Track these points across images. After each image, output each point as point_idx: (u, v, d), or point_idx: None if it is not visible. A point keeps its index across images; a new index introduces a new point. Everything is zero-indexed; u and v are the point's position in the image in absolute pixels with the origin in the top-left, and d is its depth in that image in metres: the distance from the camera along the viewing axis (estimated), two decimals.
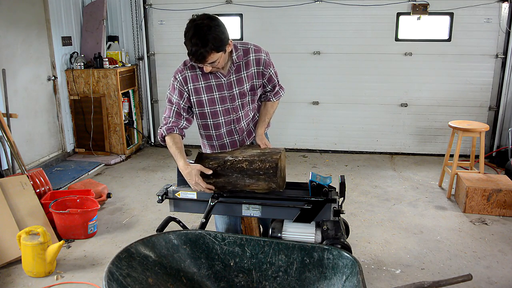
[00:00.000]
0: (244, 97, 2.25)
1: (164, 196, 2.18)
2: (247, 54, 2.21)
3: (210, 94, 2.20)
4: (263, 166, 1.96)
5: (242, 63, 2.20)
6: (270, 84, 2.33)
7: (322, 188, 2.00)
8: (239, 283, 1.75)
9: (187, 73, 2.20)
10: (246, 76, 2.22)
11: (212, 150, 2.38)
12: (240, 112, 2.28)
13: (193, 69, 2.19)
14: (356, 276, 1.54)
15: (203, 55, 1.97)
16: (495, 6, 5.02)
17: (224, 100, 2.22)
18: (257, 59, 2.22)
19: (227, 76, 2.19)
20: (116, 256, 1.57)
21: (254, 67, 2.22)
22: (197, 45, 1.95)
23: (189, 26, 2.01)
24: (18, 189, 3.40)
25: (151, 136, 6.11)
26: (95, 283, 2.77)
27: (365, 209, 3.93)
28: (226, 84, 2.20)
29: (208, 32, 1.96)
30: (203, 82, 2.19)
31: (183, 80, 2.19)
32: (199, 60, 2.00)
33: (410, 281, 2.78)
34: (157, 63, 5.88)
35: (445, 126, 4.96)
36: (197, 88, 2.19)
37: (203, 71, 2.15)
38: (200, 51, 1.96)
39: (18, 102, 4.56)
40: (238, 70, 2.20)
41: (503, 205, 3.73)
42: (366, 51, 5.39)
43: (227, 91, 2.21)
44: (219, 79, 2.19)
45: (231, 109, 2.25)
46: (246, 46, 2.23)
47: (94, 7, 5.46)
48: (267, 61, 2.26)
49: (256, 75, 2.24)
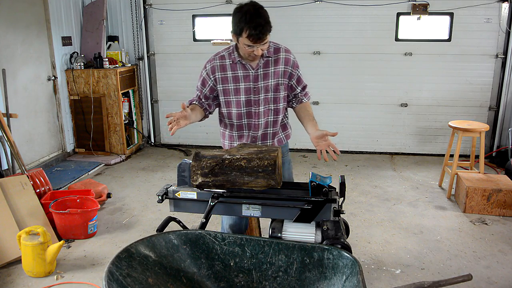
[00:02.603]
0: (267, 92, 2.33)
1: (164, 196, 2.18)
2: (278, 52, 2.31)
3: (236, 84, 2.31)
4: (262, 164, 1.96)
5: (271, 59, 2.30)
6: (300, 85, 2.41)
7: (322, 188, 2.00)
8: (239, 283, 1.75)
9: (216, 63, 2.32)
10: (273, 72, 2.31)
11: (230, 141, 2.46)
12: (260, 106, 2.34)
13: (222, 59, 2.32)
14: (356, 276, 1.54)
15: (264, 34, 2.09)
16: (495, 6, 5.02)
17: (248, 92, 2.32)
18: (287, 59, 2.32)
19: (255, 69, 2.29)
20: (116, 256, 1.57)
21: (283, 65, 2.31)
22: (261, 24, 2.08)
23: (247, 9, 2.13)
24: (18, 189, 3.40)
25: (151, 136, 6.11)
26: (95, 283, 2.77)
27: (365, 209, 3.93)
28: (252, 76, 2.30)
29: (265, 14, 2.12)
30: (231, 72, 2.31)
31: (211, 69, 2.33)
32: (260, 39, 2.10)
33: (410, 281, 2.78)
34: (157, 63, 5.88)
35: (445, 126, 4.97)
36: (223, 77, 2.31)
37: (233, 61, 2.28)
38: (263, 30, 2.08)
39: (18, 102, 4.56)
40: (266, 65, 2.30)
41: (503, 205, 3.73)
42: (366, 51, 5.39)
43: (253, 83, 2.30)
44: (247, 70, 2.29)
45: (253, 101, 2.33)
46: (277, 45, 2.34)
47: (94, 7, 5.47)
48: (296, 63, 2.36)
49: (283, 74, 2.33)
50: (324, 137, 2.19)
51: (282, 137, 2.49)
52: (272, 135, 2.44)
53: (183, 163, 2.18)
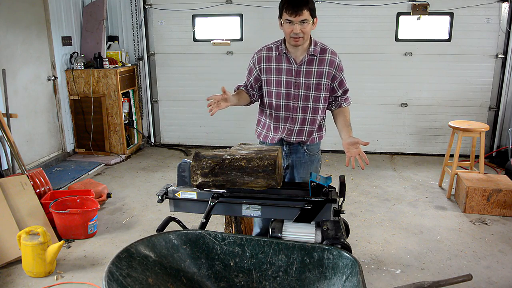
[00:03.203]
0: (308, 90, 2.36)
1: (164, 196, 2.18)
2: (324, 53, 2.35)
3: (279, 76, 2.37)
4: (262, 164, 1.96)
5: (316, 58, 2.34)
6: (341, 88, 2.44)
7: (322, 188, 2.00)
8: (239, 283, 1.75)
9: (263, 53, 2.41)
10: (316, 72, 2.35)
11: (265, 130, 2.52)
12: (299, 102, 2.38)
13: (269, 51, 2.39)
14: (356, 276, 1.54)
15: (300, 6, 2.15)
16: (495, 6, 5.02)
17: (289, 85, 2.37)
18: (332, 61, 2.35)
19: (299, 64, 2.34)
20: (116, 256, 1.57)
21: (327, 66, 2.35)
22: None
23: None
24: (18, 189, 3.40)
25: (151, 136, 6.11)
26: (95, 283, 2.77)
27: (365, 209, 3.93)
28: (295, 70, 2.35)
29: None
30: (275, 64, 2.37)
31: (257, 59, 2.41)
32: (295, 11, 2.16)
33: (410, 281, 2.78)
34: (157, 63, 5.88)
35: (445, 126, 4.96)
36: (268, 68, 2.39)
37: (279, 53, 2.35)
38: (299, 2, 2.16)
39: (18, 102, 4.56)
40: (310, 63, 2.34)
41: (503, 205, 3.73)
42: (366, 51, 5.38)
43: (294, 77, 2.35)
44: (290, 64, 2.35)
45: (292, 95, 2.38)
46: (325, 46, 2.39)
47: (94, 7, 5.47)
48: (340, 66, 2.39)
49: (326, 75, 2.36)
50: (355, 144, 2.18)
51: (315, 136, 2.51)
52: (308, 133, 2.46)
53: (183, 163, 2.18)
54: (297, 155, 2.50)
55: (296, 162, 2.50)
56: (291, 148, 2.49)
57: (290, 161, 2.51)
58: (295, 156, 2.50)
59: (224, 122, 5.75)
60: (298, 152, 2.49)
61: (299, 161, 2.50)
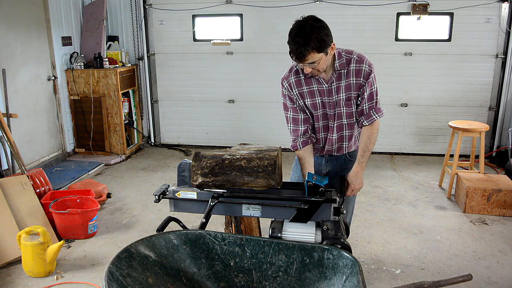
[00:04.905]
0: (339, 107, 2.26)
1: (161, 195, 2.18)
2: (349, 64, 2.20)
3: (313, 99, 2.26)
4: (262, 164, 1.96)
5: (343, 71, 2.20)
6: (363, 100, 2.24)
7: (318, 188, 2.00)
8: (239, 283, 1.75)
9: (292, 79, 2.27)
10: (344, 86, 2.22)
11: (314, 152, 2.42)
12: (335, 121, 2.29)
13: (297, 74, 2.26)
14: (356, 276, 1.54)
15: (303, 53, 2.00)
16: (495, 6, 5.02)
17: (324, 106, 2.27)
18: (357, 70, 2.20)
19: (329, 83, 2.21)
20: (116, 256, 1.57)
21: (353, 78, 2.21)
22: (299, 43, 2.00)
23: (294, 26, 2.07)
24: (18, 189, 3.40)
25: (151, 136, 6.11)
26: (95, 283, 2.77)
27: (365, 209, 3.93)
28: (327, 90, 2.23)
29: (311, 32, 2.01)
30: (306, 87, 2.25)
31: (289, 86, 2.27)
32: (299, 58, 2.03)
33: (410, 281, 2.78)
34: (157, 63, 5.88)
35: (445, 126, 4.96)
36: (301, 92, 2.27)
37: (306, 76, 2.21)
38: (300, 50, 2.00)
39: (18, 102, 4.56)
40: (339, 78, 2.21)
41: (503, 205, 3.73)
42: (366, 51, 5.26)
43: (327, 97, 2.24)
44: (321, 85, 2.23)
45: (329, 116, 2.29)
46: (349, 55, 2.22)
47: (94, 7, 5.47)
48: (367, 72, 2.22)
49: (355, 86, 2.22)
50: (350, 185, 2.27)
51: (353, 144, 2.45)
52: (347, 148, 2.41)
53: (183, 163, 2.18)
54: (338, 161, 2.46)
55: (337, 168, 2.46)
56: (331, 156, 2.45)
57: (331, 167, 2.46)
58: (336, 163, 2.46)
59: (224, 122, 5.75)
60: (340, 159, 2.45)
61: (340, 167, 2.45)
